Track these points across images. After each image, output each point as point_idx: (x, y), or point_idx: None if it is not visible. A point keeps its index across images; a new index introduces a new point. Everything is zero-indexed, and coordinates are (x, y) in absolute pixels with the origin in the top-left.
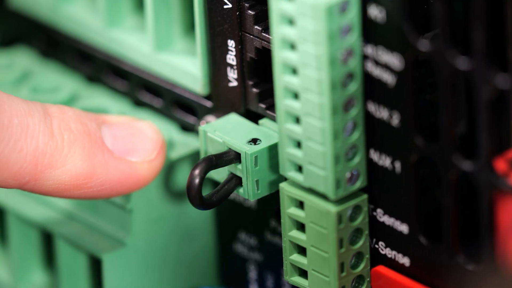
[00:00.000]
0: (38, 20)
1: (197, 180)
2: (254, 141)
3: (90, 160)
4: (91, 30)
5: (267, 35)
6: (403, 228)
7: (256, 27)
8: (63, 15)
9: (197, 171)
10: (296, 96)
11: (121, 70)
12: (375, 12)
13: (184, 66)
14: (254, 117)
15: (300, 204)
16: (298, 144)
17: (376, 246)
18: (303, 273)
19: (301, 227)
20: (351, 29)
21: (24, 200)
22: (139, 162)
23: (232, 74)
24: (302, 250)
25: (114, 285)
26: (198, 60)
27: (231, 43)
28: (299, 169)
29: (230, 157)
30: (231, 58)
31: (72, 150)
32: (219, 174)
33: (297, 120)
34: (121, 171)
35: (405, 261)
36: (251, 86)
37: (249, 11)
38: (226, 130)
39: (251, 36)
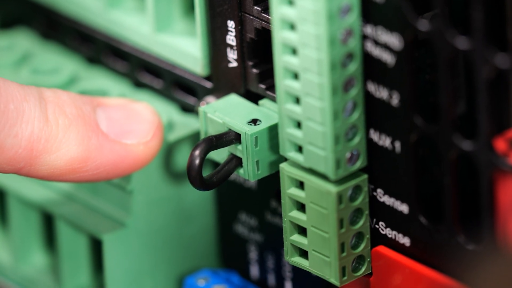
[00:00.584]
0: (38, 1)
1: (197, 161)
2: (254, 121)
3: (84, 144)
4: (91, 11)
5: (266, 16)
6: (403, 208)
7: (255, 7)
8: None
9: (197, 152)
10: (296, 76)
11: (121, 51)
12: None
13: (184, 47)
14: (254, 98)
15: (300, 185)
16: (298, 125)
17: (377, 226)
18: (304, 254)
19: (301, 207)
20: (350, 9)
21: (25, 182)
22: (134, 144)
23: (232, 55)
24: (302, 231)
25: (115, 266)
26: (198, 41)
27: (231, 24)
28: (299, 149)
29: (230, 137)
30: (231, 39)
31: (66, 135)
32: (219, 155)
33: (297, 101)
34: (116, 154)
35: (405, 241)
36: (251, 67)
37: None
38: (226, 111)
39: (251, 17)
